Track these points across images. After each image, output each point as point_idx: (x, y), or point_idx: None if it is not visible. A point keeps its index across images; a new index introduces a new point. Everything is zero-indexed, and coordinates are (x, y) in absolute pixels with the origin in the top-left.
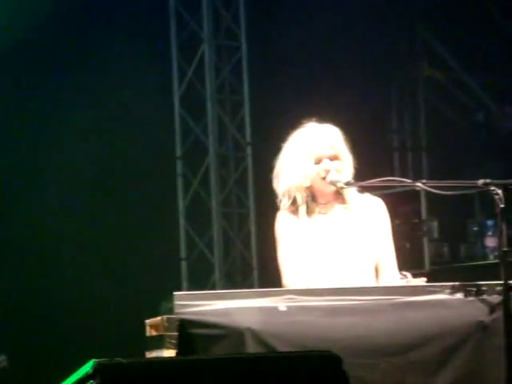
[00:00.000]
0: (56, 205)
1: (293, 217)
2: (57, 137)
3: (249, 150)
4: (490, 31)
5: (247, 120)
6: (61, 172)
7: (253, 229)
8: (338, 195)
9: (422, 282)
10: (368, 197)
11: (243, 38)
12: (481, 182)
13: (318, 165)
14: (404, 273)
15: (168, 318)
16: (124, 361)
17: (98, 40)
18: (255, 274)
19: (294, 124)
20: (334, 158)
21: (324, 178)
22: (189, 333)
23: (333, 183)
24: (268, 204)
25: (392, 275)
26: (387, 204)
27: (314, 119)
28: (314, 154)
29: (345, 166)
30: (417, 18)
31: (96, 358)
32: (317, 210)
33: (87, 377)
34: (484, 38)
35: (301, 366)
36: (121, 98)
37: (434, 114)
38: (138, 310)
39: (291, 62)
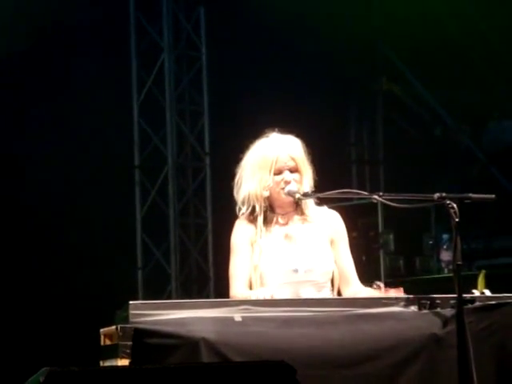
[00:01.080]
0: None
1: (250, 226)
2: (12, 142)
3: (207, 161)
4: (448, 48)
5: (206, 130)
6: (17, 179)
7: (210, 239)
8: (297, 207)
9: (399, 292)
10: (325, 209)
11: (203, 49)
12: (436, 195)
13: (278, 175)
14: (378, 283)
15: (122, 328)
16: (76, 369)
17: (58, 47)
18: (211, 284)
19: (253, 135)
20: (294, 170)
21: (283, 189)
22: (143, 342)
23: (290, 194)
24: (226, 215)
25: (356, 286)
26: (344, 216)
27: (277, 130)
28: (274, 164)
29: (304, 178)
30: (377, 33)
31: (50, 366)
32: (275, 220)
33: None
34: (441, 54)
35: (254, 375)
36: (79, 106)
37: (392, 127)
38: (93, 318)
39: (251, 72)
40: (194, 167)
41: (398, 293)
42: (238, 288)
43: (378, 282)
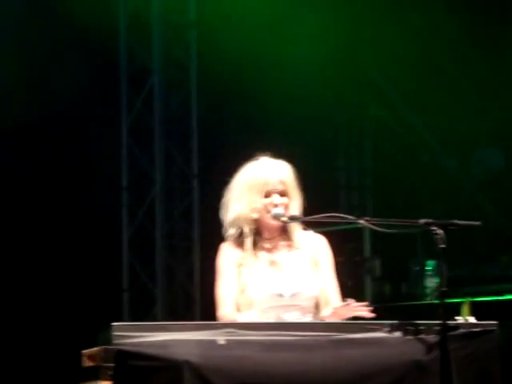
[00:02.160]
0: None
1: (237, 248)
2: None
3: (195, 183)
4: (436, 73)
5: (195, 152)
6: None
7: (197, 262)
8: (284, 231)
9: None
10: (311, 234)
11: (193, 71)
12: (422, 221)
13: (267, 198)
14: (348, 299)
15: (105, 349)
16: None
17: (45, 65)
18: (197, 307)
19: (242, 158)
20: (283, 194)
21: (269, 212)
22: (126, 364)
23: (276, 217)
24: (213, 238)
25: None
26: (331, 241)
27: (268, 153)
28: (263, 187)
29: (293, 203)
30: (365, 59)
31: None
32: (261, 245)
33: None
34: (430, 80)
35: None
36: (68, 125)
37: (380, 153)
38: (75, 340)
39: (240, 96)
40: (182, 189)
41: (361, 308)
42: (224, 310)
43: (349, 299)
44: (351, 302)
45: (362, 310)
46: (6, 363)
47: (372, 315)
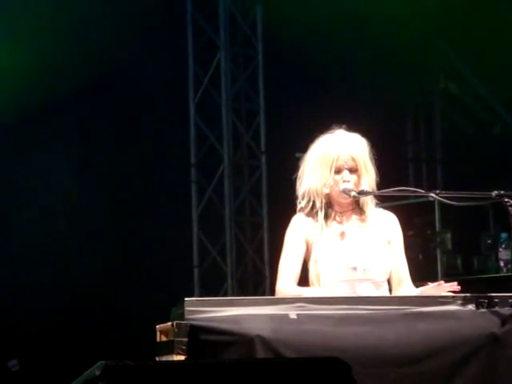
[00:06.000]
0: (70, 211)
1: (309, 221)
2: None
3: (263, 159)
4: (507, 44)
5: (262, 129)
6: (73, 178)
7: (265, 237)
8: (356, 207)
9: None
10: (382, 211)
11: (260, 47)
12: (494, 193)
13: (338, 174)
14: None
15: (178, 324)
16: (132, 363)
17: (113, 44)
18: (267, 282)
19: (308, 134)
20: (353, 170)
21: (340, 187)
22: (198, 339)
23: (345, 192)
24: (281, 213)
25: (407, 288)
26: (401, 215)
27: (342, 126)
28: (334, 162)
29: (363, 179)
30: (435, 31)
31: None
32: (333, 217)
33: (95, 378)
34: (500, 51)
35: (309, 371)
36: (135, 105)
37: (449, 126)
38: (149, 315)
39: (307, 71)
40: (250, 165)
41: (452, 288)
42: (284, 283)
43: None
44: (441, 282)
45: (452, 289)
46: (83, 338)
47: None
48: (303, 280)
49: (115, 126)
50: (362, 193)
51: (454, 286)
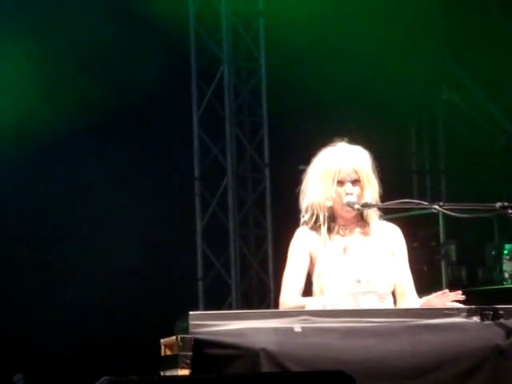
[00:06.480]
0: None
1: (312, 234)
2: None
3: (267, 172)
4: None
5: (266, 141)
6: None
7: (270, 250)
8: (360, 219)
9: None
10: (386, 223)
11: (262, 60)
12: (498, 205)
13: (341, 187)
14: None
15: (182, 338)
16: (136, 378)
17: (115, 57)
18: (271, 295)
19: (312, 146)
20: (356, 182)
21: (342, 200)
22: (203, 353)
23: (349, 205)
24: (285, 225)
25: (412, 300)
26: (405, 227)
27: (344, 139)
28: (337, 175)
29: (366, 191)
30: (438, 42)
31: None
32: (336, 230)
33: None
34: (504, 63)
35: None
36: (139, 117)
37: (453, 137)
38: (153, 329)
39: (310, 84)
40: (254, 178)
41: (457, 297)
42: (287, 295)
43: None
44: (446, 291)
45: (457, 298)
46: (86, 352)
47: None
48: (307, 293)
49: (120, 139)
50: (365, 205)
51: (459, 294)
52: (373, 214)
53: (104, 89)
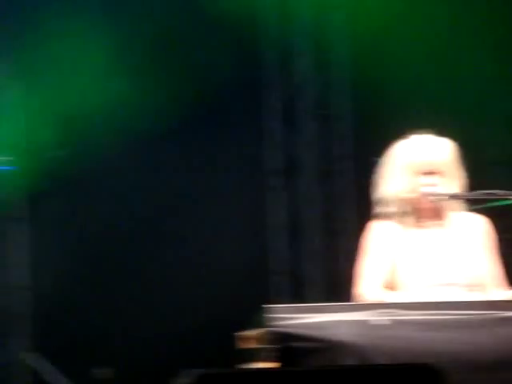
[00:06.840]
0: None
1: (389, 227)
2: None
3: (350, 164)
4: None
5: (349, 133)
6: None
7: (348, 243)
8: (440, 211)
9: None
10: (469, 215)
11: (342, 53)
12: None
13: (419, 179)
14: None
15: (264, 331)
16: (228, 370)
17: (187, 54)
18: (344, 289)
19: (395, 137)
20: (435, 173)
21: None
22: (285, 346)
23: (427, 196)
24: (367, 219)
25: (500, 292)
26: (495, 217)
27: (428, 130)
28: (414, 166)
29: (449, 182)
30: None
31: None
32: (416, 224)
33: None
34: None
35: (400, 377)
36: (218, 110)
37: None
38: (229, 323)
39: (392, 75)
40: (333, 171)
41: None
42: (364, 288)
43: None
44: None
45: None
46: (163, 347)
47: None
48: (386, 287)
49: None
50: (444, 196)
51: None
52: (454, 206)
53: (173, 87)
